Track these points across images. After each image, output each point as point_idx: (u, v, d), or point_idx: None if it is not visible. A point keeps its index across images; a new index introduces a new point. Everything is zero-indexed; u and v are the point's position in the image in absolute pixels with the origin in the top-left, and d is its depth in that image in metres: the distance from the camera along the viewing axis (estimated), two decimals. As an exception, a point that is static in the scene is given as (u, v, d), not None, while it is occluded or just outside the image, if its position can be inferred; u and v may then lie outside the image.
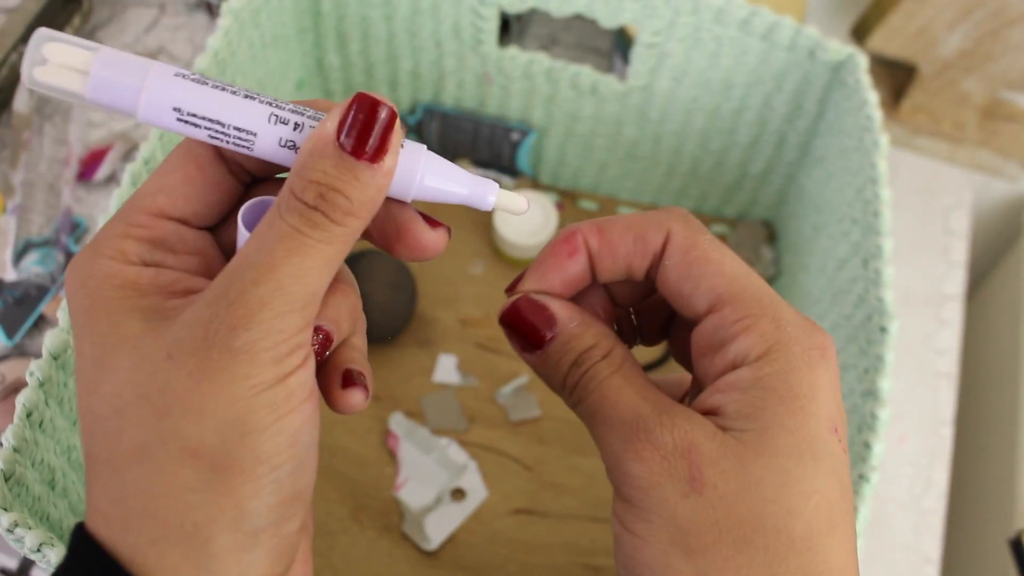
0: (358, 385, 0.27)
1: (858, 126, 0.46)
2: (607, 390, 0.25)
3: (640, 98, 0.55)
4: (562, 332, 0.27)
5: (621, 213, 0.62)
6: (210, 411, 0.22)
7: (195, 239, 0.26)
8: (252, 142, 0.24)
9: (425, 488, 0.51)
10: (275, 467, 0.23)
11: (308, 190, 0.23)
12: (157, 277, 0.25)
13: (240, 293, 0.23)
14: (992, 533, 0.61)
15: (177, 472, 0.22)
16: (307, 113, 0.25)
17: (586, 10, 0.50)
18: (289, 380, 0.23)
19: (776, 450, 0.23)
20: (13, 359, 0.54)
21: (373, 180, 0.24)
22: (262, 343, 0.22)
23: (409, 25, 0.54)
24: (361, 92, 0.24)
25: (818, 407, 0.24)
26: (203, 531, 0.22)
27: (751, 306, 0.25)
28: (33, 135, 0.59)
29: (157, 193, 0.25)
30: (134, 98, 0.24)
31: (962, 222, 0.66)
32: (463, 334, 0.56)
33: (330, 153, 0.23)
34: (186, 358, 0.22)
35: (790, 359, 0.24)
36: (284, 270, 0.23)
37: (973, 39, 0.62)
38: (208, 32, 0.68)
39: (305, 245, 0.23)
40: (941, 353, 0.61)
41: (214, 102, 0.24)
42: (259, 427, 0.22)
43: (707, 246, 0.26)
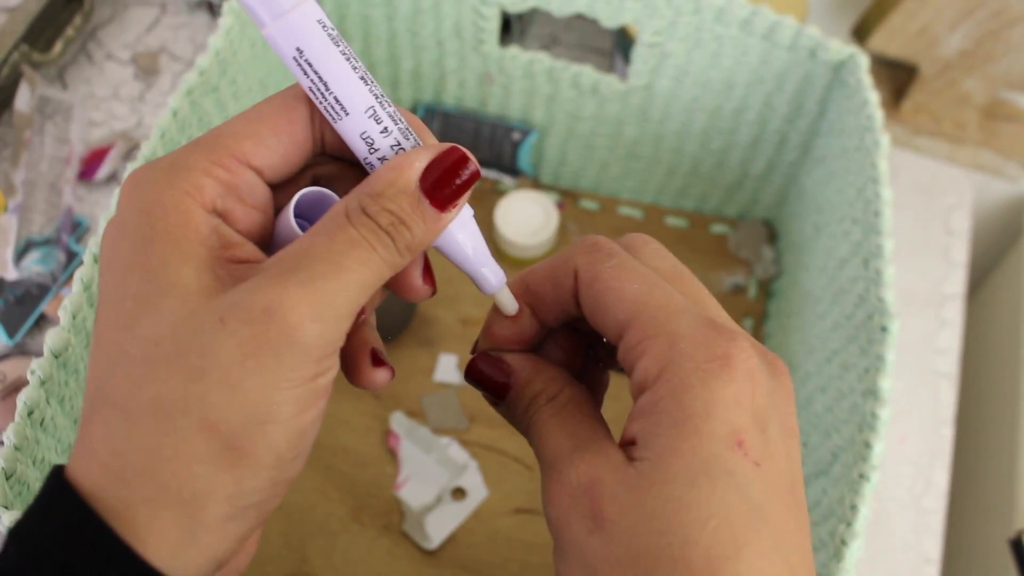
0: (386, 365, 0.28)
1: (859, 126, 0.46)
2: (543, 432, 0.26)
3: (641, 98, 0.55)
4: (516, 381, 0.28)
5: (621, 213, 0.62)
6: (243, 390, 0.22)
7: (263, 194, 0.26)
8: (340, 118, 0.25)
9: (426, 487, 0.51)
10: (280, 457, 0.23)
11: (382, 216, 0.24)
12: (218, 231, 0.24)
13: (311, 280, 0.23)
14: (992, 533, 0.61)
15: (192, 440, 0.22)
16: (400, 124, 0.25)
17: (587, 10, 0.50)
18: (320, 380, 0.23)
19: (669, 477, 0.23)
20: (14, 358, 0.54)
21: (435, 227, 0.25)
22: (320, 340, 0.23)
23: (410, 24, 0.54)
24: (454, 146, 0.25)
25: (714, 425, 0.23)
26: (199, 501, 0.22)
27: (647, 327, 0.25)
28: (34, 134, 0.59)
29: (245, 137, 0.25)
30: (274, 16, 0.24)
31: (963, 222, 0.66)
32: (464, 334, 0.56)
33: (411, 192, 0.24)
34: (240, 327, 0.22)
35: (682, 377, 0.23)
36: (352, 275, 0.23)
37: (974, 39, 0.62)
38: (209, 31, 0.68)
39: (373, 260, 0.24)
40: (941, 353, 0.61)
41: (333, 64, 0.25)
42: (280, 419, 0.23)
43: (608, 275, 0.26)
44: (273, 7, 0.24)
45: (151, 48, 0.67)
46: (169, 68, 0.67)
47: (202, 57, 0.44)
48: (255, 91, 0.51)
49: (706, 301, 0.27)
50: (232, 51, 0.46)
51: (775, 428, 0.24)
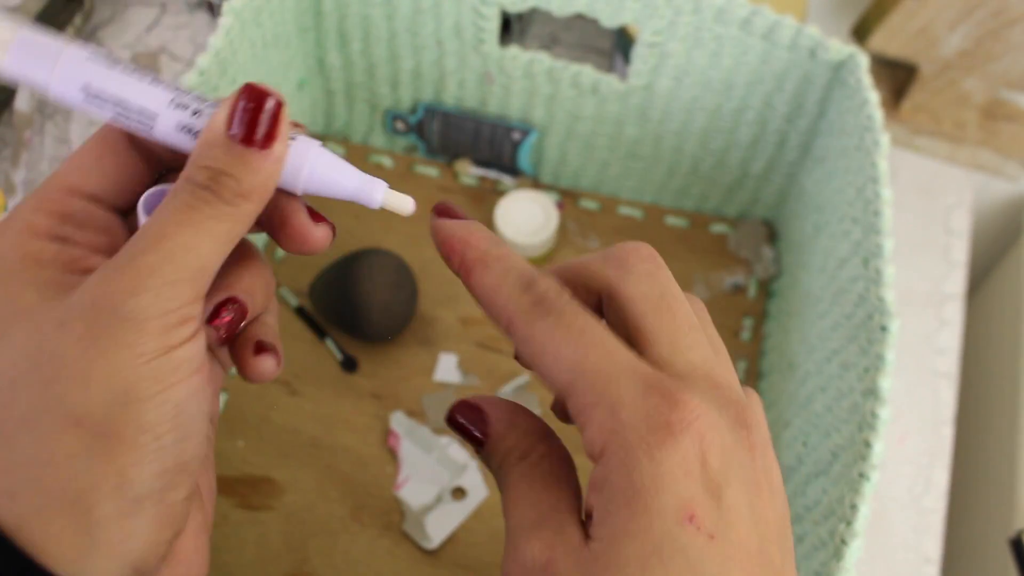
0: (269, 351, 0.28)
1: (859, 126, 0.46)
2: (510, 496, 0.25)
3: (641, 98, 0.55)
4: (491, 433, 0.27)
5: (621, 213, 0.62)
6: (95, 379, 0.23)
7: (104, 218, 0.27)
8: (151, 125, 0.26)
9: (426, 487, 0.51)
10: (158, 436, 0.23)
11: (199, 173, 0.24)
12: (61, 252, 0.25)
13: (129, 259, 0.23)
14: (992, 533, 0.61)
15: (61, 440, 0.23)
16: (209, 101, 0.26)
17: (587, 10, 0.50)
18: (176, 352, 0.24)
19: (623, 560, 0.22)
20: (14, 358, 0.54)
21: (263, 165, 0.25)
22: (150, 310, 0.23)
23: (410, 24, 0.54)
24: (249, 83, 0.25)
25: (663, 500, 0.22)
26: (86, 498, 0.23)
27: (586, 395, 0.23)
28: (35, 134, 0.59)
29: (70, 172, 0.27)
30: (48, 73, 0.25)
31: (962, 222, 0.66)
32: (464, 333, 0.56)
33: (220, 141, 0.25)
34: (76, 324, 0.23)
35: (628, 450, 0.22)
36: (175, 240, 0.24)
37: (974, 39, 0.62)
38: (209, 31, 0.68)
39: (195, 219, 0.24)
40: (941, 353, 0.61)
41: (120, 83, 0.26)
42: (143, 397, 0.23)
43: (542, 336, 0.24)
44: (42, 67, 0.25)
45: (151, 48, 0.67)
46: (169, 68, 0.67)
47: (202, 57, 0.44)
48: (255, 91, 0.50)
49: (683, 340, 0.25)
50: (232, 51, 0.46)
51: (735, 490, 0.23)
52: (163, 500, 0.24)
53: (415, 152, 0.63)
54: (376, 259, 0.53)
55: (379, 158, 0.63)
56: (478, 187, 0.62)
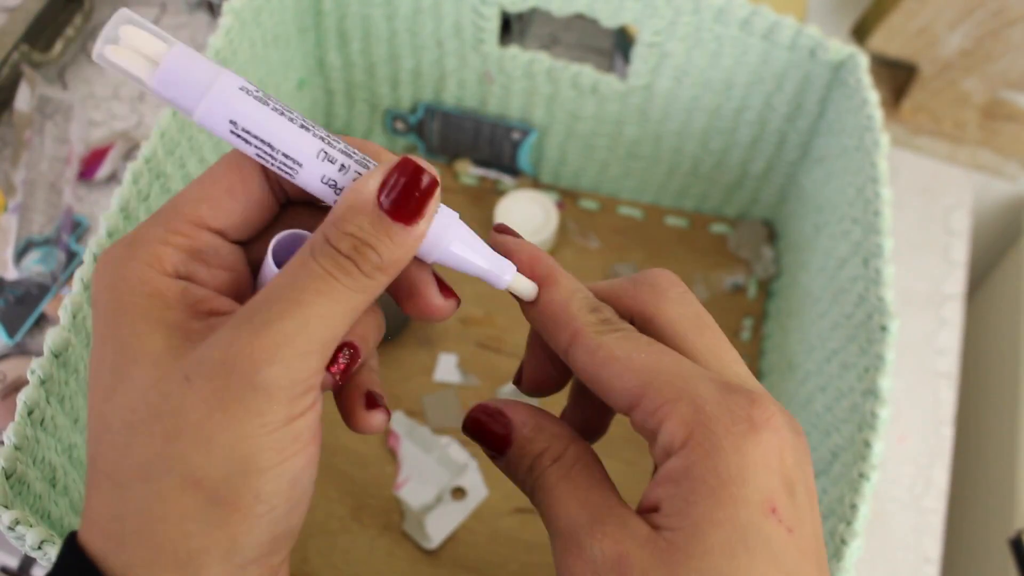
0: (381, 408, 0.27)
1: (859, 126, 0.46)
2: (551, 498, 0.25)
3: (641, 97, 0.55)
4: (517, 437, 0.26)
5: (621, 213, 0.62)
6: (218, 443, 0.22)
7: (229, 253, 0.26)
8: (296, 171, 0.25)
9: (426, 487, 0.51)
10: (273, 507, 0.23)
11: (343, 241, 0.24)
12: (187, 292, 0.25)
13: (265, 324, 0.23)
14: (992, 533, 0.61)
15: (178, 499, 0.22)
16: (355, 156, 0.25)
17: (587, 10, 0.50)
18: (298, 422, 0.23)
19: (707, 549, 0.22)
20: (14, 357, 0.54)
21: (405, 242, 0.24)
22: (281, 381, 0.23)
23: (410, 24, 0.54)
24: (407, 157, 0.24)
25: (749, 491, 0.22)
26: (196, 560, 0.23)
27: (665, 392, 0.24)
28: (34, 134, 0.59)
29: (200, 202, 0.25)
30: (196, 101, 0.24)
31: (962, 222, 0.66)
32: (464, 333, 0.56)
33: (369, 211, 0.24)
34: (203, 383, 0.23)
35: (714, 441, 0.23)
36: (312, 309, 0.23)
37: (974, 39, 0.62)
38: (209, 31, 0.68)
39: (335, 290, 0.23)
40: (941, 353, 0.61)
41: (270, 124, 0.24)
42: (263, 467, 0.23)
43: (614, 344, 0.25)
44: (193, 91, 0.24)
45: (151, 48, 0.67)
46: (169, 68, 0.67)
47: (202, 57, 0.44)
48: (255, 91, 0.50)
49: (726, 355, 0.26)
50: (232, 51, 0.46)
51: (801, 491, 0.24)
52: (266, 564, 0.24)
53: (415, 152, 0.63)
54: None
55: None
56: (478, 187, 0.62)
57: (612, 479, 0.26)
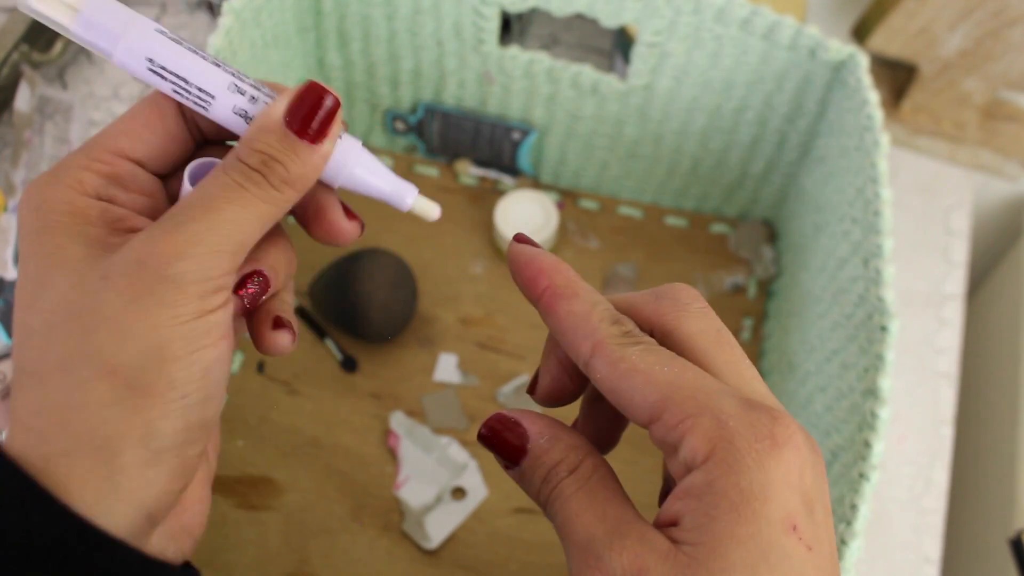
0: (286, 327, 0.29)
1: (859, 126, 0.46)
2: (568, 510, 0.25)
3: (641, 97, 0.55)
4: (533, 448, 0.27)
5: (621, 213, 0.62)
6: (133, 333, 0.24)
7: (147, 182, 0.28)
8: (209, 103, 0.27)
9: (425, 487, 0.51)
10: (185, 395, 0.25)
11: (252, 156, 0.26)
12: (107, 211, 0.27)
13: (177, 225, 0.25)
14: (992, 533, 0.61)
15: (95, 387, 0.24)
16: (264, 90, 0.28)
17: (587, 10, 0.50)
18: (209, 317, 0.25)
19: (728, 564, 0.22)
20: (14, 358, 0.54)
21: (310, 158, 0.27)
22: (191, 275, 0.25)
23: (410, 24, 0.54)
24: (312, 81, 0.27)
25: (771, 508, 0.22)
26: (112, 445, 0.24)
27: (687, 406, 0.24)
28: (34, 134, 0.59)
29: (120, 134, 0.28)
30: (115, 42, 0.26)
31: (962, 222, 0.66)
32: (464, 333, 0.56)
33: (276, 129, 0.26)
34: (119, 279, 0.24)
35: (737, 457, 0.23)
36: (223, 214, 0.25)
37: (974, 39, 0.62)
38: (209, 31, 0.68)
39: (243, 198, 0.26)
40: (941, 353, 0.61)
41: (185, 60, 0.27)
42: (176, 355, 0.24)
43: (637, 357, 0.25)
44: (111, 34, 0.26)
45: (151, 48, 0.67)
46: (169, 68, 0.67)
47: (202, 57, 0.44)
48: (255, 91, 0.50)
49: (746, 372, 0.26)
50: (232, 51, 0.46)
51: (820, 509, 0.24)
52: (181, 454, 0.25)
53: (415, 152, 0.63)
54: (376, 259, 0.53)
55: (379, 158, 0.63)
56: (478, 187, 0.62)
57: None
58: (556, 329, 0.27)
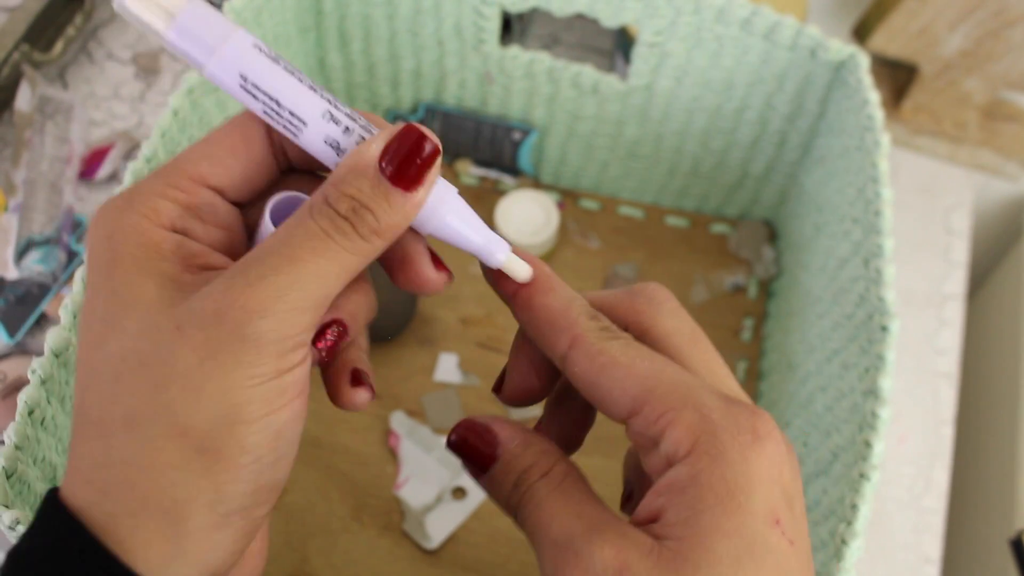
0: (365, 385, 0.28)
1: (859, 126, 0.46)
2: (543, 512, 0.24)
3: (641, 97, 0.55)
4: (503, 453, 0.26)
5: (621, 213, 0.62)
6: (207, 393, 0.22)
7: (226, 213, 0.26)
8: (300, 130, 0.25)
9: (426, 487, 0.51)
10: (258, 458, 0.23)
11: (342, 202, 0.24)
12: (182, 246, 0.25)
13: (259, 277, 0.23)
14: (992, 533, 0.61)
15: (164, 448, 0.23)
16: (359, 121, 0.26)
17: (588, 10, 0.50)
18: (286, 376, 0.23)
19: (715, 559, 0.22)
20: (15, 357, 0.54)
21: (403, 207, 0.24)
22: (272, 335, 0.23)
23: (411, 24, 0.54)
24: (411, 124, 0.25)
25: (755, 502, 0.22)
26: (180, 509, 0.23)
27: (669, 400, 0.24)
28: (35, 134, 0.59)
29: (201, 159, 0.26)
30: (209, 54, 0.24)
31: (963, 222, 0.66)
32: (464, 333, 0.56)
33: (370, 175, 0.24)
34: (195, 332, 0.23)
35: (721, 450, 0.23)
36: (307, 266, 0.23)
37: (974, 39, 0.62)
38: (210, 31, 0.68)
39: (330, 249, 0.24)
40: (941, 353, 0.61)
41: (279, 81, 0.25)
42: (250, 419, 0.23)
43: (617, 350, 0.25)
44: (206, 45, 0.24)
45: (152, 48, 0.67)
46: (170, 67, 0.67)
47: (203, 57, 0.44)
48: (255, 91, 0.50)
49: (720, 370, 0.26)
50: (233, 51, 0.46)
51: (798, 505, 0.24)
52: (250, 516, 0.24)
53: (415, 152, 0.63)
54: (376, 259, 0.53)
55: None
56: (478, 187, 0.62)
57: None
58: (531, 324, 0.27)
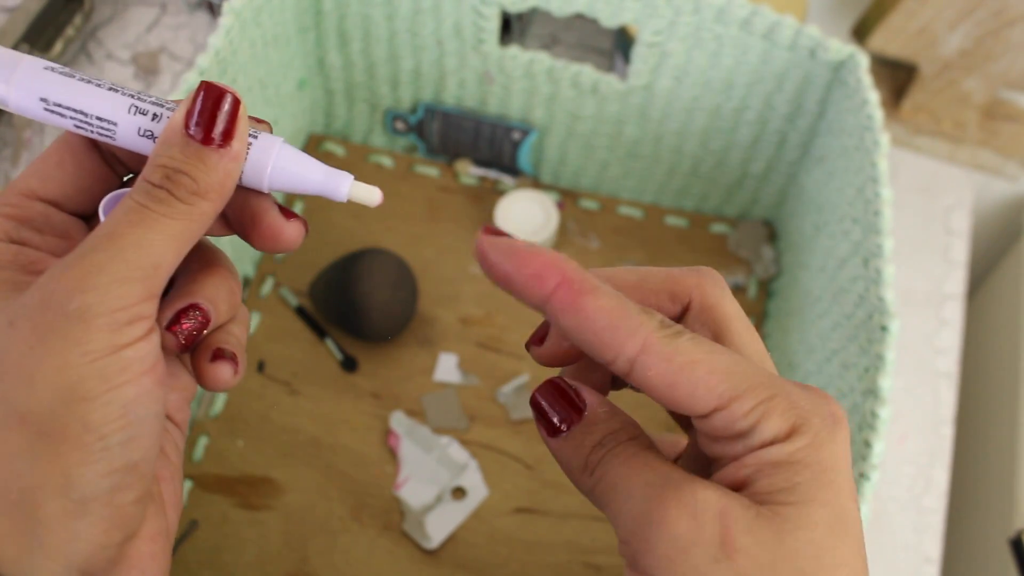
0: (226, 359, 0.27)
1: (859, 125, 0.46)
2: (635, 461, 0.24)
3: (641, 97, 0.55)
4: (590, 415, 0.26)
5: (621, 213, 0.62)
6: (40, 377, 0.22)
7: (64, 222, 0.27)
8: (114, 131, 0.26)
9: (426, 487, 0.51)
10: (103, 436, 0.23)
11: (155, 173, 0.24)
12: (19, 255, 0.26)
13: (78, 257, 0.23)
14: (992, 533, 0.61)
15: (6, 438, 0.22)
16: (167, 105, 0.26)
17: (587, 9, 0.50)
18: (125, 351, 0.23)
19: (812, 523, 0.23)
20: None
21: (220, 163, 0.25)
22: (97, 308, 0.23)
23: (410, 24, 0.54)
24: (206, 81, 0.25)
25: (843, 479, 0.24)
26: (29, 497, 0.22)
27: (759, 392, 0.24)
28: (34, 134, 0.59)
29: (31, 176, 0.27)
30: (5, 87, 0.25)
31: (962, 222, 0.66)
32: (464, 333, 0.56)
33: (177, 140, 0.25)
34: (23, 323, 0.23)
35: (817, 433, 0.24)
36: (126, 238, 0.24)
37: (974, 39, 0.62)
38: (209, 31, 0.68)
39: (148, 217, 0.24)
40: (941, 353, 0.61)
41: (78, 92, 0.25)
42: (89, 396, 0.23)
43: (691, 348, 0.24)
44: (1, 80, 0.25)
45: (151, 48, 0.67)
46: (169, 68, 0.67)
47: (202, 57, 0.44)
48: (255, 90, 0.51)
49: (768, 357, 0.27)
50: (232, 51, 0.46)
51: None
52: (111, 502, 0.23)
53: (415, 152, 0.63)
54: (376, 259, 0.53)
55: (379, 158, 0.63)
56: (478, 187, 0.62)
57: None
58: (583, 329, 0.24)
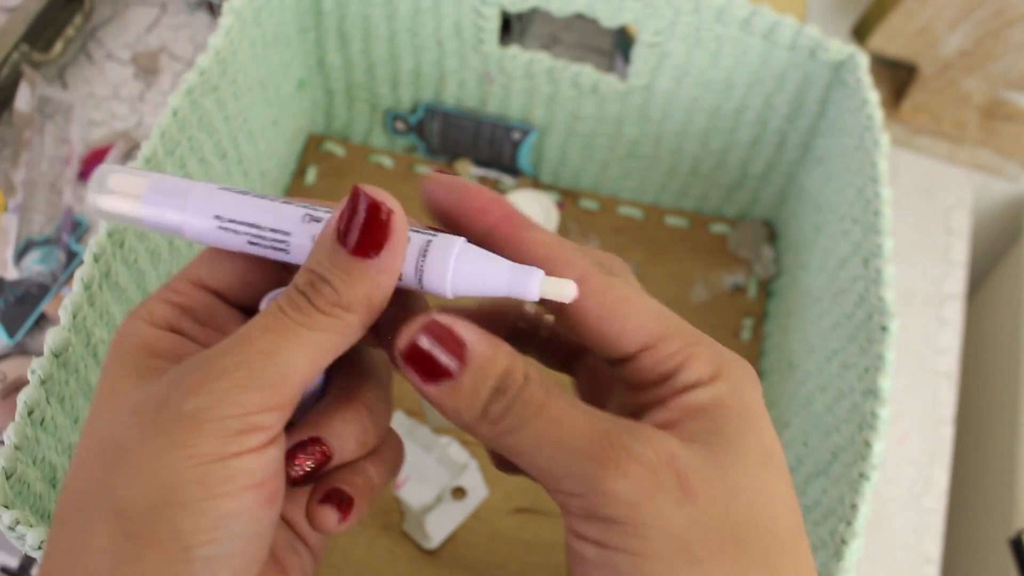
0: (332, 503, 0.25)
1: (859, 125, 0.46)
2: (554, 412, 0.22)
3: (641, 97, 0.55)
4: (474, 357, 0.23)
5: (621, 213, 0.62)
6: (143, 474, 0.22)
7: (225, 315, 0.26)
8: (287, 242, 0.25)
9: (426, 487, 0.51)
10: (188, 547, 0.21)
11: (302, 276, 0.23)
12: (176, 344, 0.25)
13: (207, 359, 0.23)
14: (992, 533, 0.61)
15: (97, 532, 0.22)
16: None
17: (587, 10, 0.50)
18: (233, 460, 0.22)
19: (747, 461, 0.23)
20: (14, 357, 0.54)
21: (366, 275, 0.23)
22: (209, 412, 0.22)
23: (410, 24, 0.54)
24: (357, 187, 0.23)
25: (766, 423, 0.24)
26: None
27: (687, 337, 0.24)
28: (35, 134, 0.59)
29: (201, 263, 0.26)
30: (181, 215, 0.25)
31: (962, 222, 0.66)
32: (464, 333, 0.56)
33: (327, 245, 0.23)
34: (142, 415, 0.22)
35: (738, 379, 0.24)
36: (255, 344, 0.23)
37: (974, 39, 0.62)
38: (209, 31, 0.68)
39: (283, 324, 0.23)
40: (941, 353, 0.61)
41: (252, 206, 0.25)
42: (184, 501, 0.21)
43: (623, 289, 0.25)
44: (174, 206, 0.25)
45: (151, 48, 0.67)
46: (169, 68, 0.67)
47: (202, 57, 0.44)
48: (255, 91, 0.51)
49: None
50: (232, 51, 0.46)
51: None
52: None
53: (415, 152, 0.63)
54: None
55: (379, 158, 0.63)
56: (478, 187, 0.62)
57: None
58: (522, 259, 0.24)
